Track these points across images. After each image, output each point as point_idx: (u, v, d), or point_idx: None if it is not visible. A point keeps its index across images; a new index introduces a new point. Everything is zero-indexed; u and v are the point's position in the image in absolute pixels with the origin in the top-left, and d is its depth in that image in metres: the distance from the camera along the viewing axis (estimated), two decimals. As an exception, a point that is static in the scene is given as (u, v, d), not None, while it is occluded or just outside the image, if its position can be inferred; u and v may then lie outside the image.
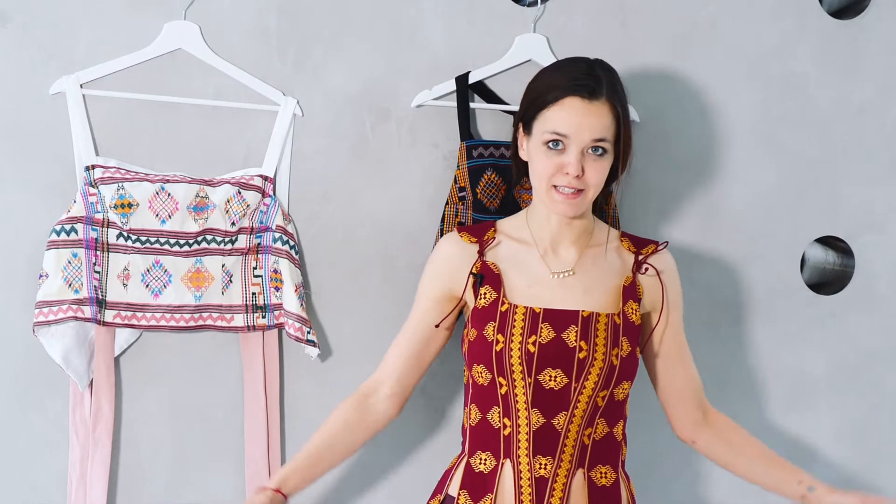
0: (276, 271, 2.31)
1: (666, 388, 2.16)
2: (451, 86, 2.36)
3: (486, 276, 2.06)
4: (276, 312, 2.32)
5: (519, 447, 2.00)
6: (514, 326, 1.99)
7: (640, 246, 2.11)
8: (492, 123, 2.41)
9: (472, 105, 2.37)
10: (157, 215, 2.24)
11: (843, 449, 2.60)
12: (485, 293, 2.05)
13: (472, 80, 2.37)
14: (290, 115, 2.34)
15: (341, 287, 2.40)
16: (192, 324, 2.29)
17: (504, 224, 2.14)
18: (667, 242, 2.12)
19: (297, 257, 2.32)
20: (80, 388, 2.31)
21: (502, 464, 2.02)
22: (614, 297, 2.05)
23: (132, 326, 2.26)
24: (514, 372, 1.98)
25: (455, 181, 2.35)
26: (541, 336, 1.98)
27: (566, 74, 1.99)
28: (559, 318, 1.99)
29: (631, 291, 2.06)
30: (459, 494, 2.05)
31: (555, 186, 1.99)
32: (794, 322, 2.56)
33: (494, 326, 2.01)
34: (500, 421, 2.02)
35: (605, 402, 2.00)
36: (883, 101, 2.54)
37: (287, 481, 2.05)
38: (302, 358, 2.38)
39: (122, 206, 2.22)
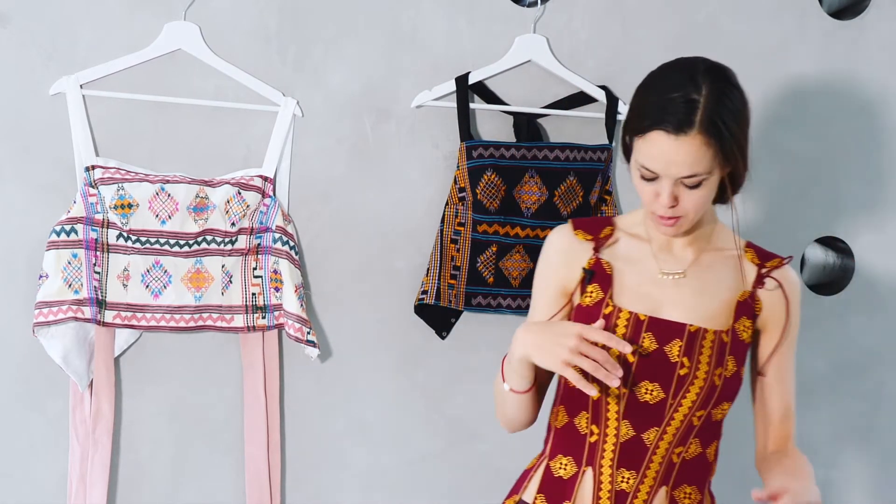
0: (275, 272, 2.31)
1: (761, 408, 1.98)
2: (451, 86, 2.36)
3: (596, 272, 1.91)
4: (276, 313, 2.32)
5: (603, 457, 1.89)
6: (615, 332, 1.85)
7: (765, 259, 1.92)
8: (491, 124, 2.41)
9: (471, 105, 2.37)
10: (156, 216, 2.24)
11: (843, 449, 2.60)
12: (591, 291, 1.90)
13: (471, 80, 2.37)
14: (290, 115, 2.34)
15: (341, 287, 2.41)
16: (191, 324, 2.29)
17: (622, 220, 1.98)
18: (791, 257, 1.96)
19: (296, 258, 2.32)
20: (80, 388, 2.31)
21: (583, 471, 1.90)
22: (726, 310, 1.89)
23: (132, 327, 2.26)
24: None
25: (455, 182, 2.35)
26: (642, 346, 1.84)
27: (659, 96, 1.80)
28: (664, 329, 1.85)
29: (746, 307, 1.89)
30: (536, 499, 1.93)
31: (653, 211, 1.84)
32: (794, 322, 2.56)
33: None
34: (587, 427, 1.90)
35: (701, 422, 1.87)
36: (883, 101, 2.54)
37: None
38: (302, 358, 2.38)
39: (122, 206, 2.22)
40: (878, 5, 2.51)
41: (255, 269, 2.32)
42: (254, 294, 2.32)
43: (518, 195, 2.34)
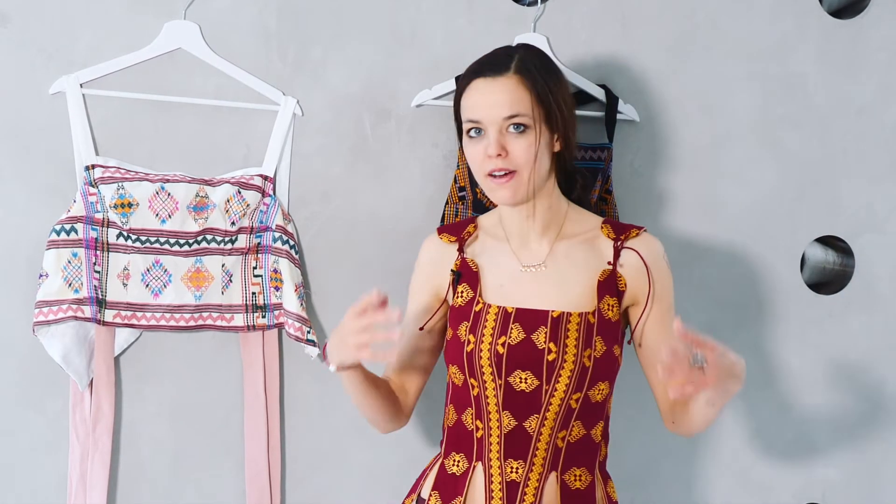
0: (276, 271, 2.31)
1: (650, 377, 2.05)
2: (451, 85, 2.36)
3: (463, 273, 2.01)
4: (276, 312, 2.32)
5: (490, 450, 1.95)
6: (486, 327, 1.94)
7: (620, 232, 2.01)
8: (492, 123, 2.41)
9: (471, 105, 2.37)
10: (157, 215, 2.24)
11: (843, 449, 2.60)
12: (462, 291, 2.01)
13: (471, 79, 2.37)
14: (290, 114, 2.34)
15: (341, 287, 2.41)
16: (192, 323, 2.29)
17: (484, 220, 2.10)
18: (644, 227, 2.03)
19: (297, 257, 2.32)
20: (80, 387, 2.31)
21: (473, 466, 1.98)
22: (589, 293, 1.96)
23: (132, 326, 2.26)
24: (484, 374, 1.94)
25: (455, 181, 2.35)
26: (510, 337, 1.92)
27: (474, 64, 1.96)
28: (529, 318, 1.93)
29: (608, 286, 1.96)
30: (431, 496, 2.01)
31: (489, 175, 1.93)
32: (794, 322, 2.55)
33: (467, 326, 1.96)
34: (472, 423, 1.97)
35: (579, 405, 1.94)
36: (883, 101, 2.54)
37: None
38: (302, 358, 2.38)
39: (122, 205, 2.22)
40: (878, 5, 2.51)
41: (255, 268, 2.32)
42: (254, 293, 2.32)
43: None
